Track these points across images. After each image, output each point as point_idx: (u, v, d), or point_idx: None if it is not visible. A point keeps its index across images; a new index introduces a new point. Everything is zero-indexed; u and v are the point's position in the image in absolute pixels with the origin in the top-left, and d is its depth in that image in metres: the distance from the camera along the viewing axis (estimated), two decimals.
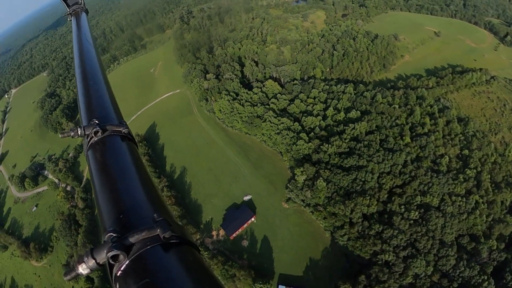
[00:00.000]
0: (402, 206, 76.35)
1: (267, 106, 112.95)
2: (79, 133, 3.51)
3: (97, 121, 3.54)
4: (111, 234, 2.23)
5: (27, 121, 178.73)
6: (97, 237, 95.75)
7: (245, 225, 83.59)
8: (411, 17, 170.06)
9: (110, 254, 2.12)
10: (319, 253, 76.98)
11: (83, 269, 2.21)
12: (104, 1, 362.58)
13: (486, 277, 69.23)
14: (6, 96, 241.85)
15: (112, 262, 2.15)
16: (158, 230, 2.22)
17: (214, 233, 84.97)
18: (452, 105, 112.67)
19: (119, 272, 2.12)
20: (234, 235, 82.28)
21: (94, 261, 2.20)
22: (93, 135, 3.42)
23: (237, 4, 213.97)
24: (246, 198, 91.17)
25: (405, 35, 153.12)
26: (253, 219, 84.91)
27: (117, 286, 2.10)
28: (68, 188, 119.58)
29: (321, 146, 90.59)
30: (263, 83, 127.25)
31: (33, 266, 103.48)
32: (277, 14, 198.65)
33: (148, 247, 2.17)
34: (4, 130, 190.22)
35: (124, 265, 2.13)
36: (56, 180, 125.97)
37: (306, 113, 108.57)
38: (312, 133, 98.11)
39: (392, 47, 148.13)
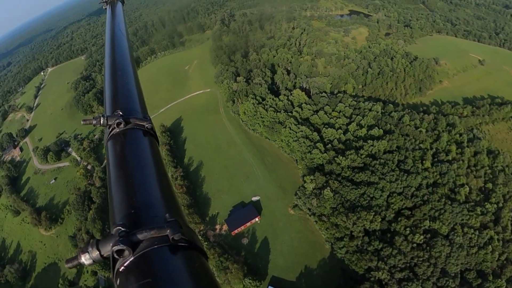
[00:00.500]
0: (408, 228, 77.23)
1: (290, 114, 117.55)
2: (101, 122, 3.58)
3: (121, 113, 3.59)
4: (120, 228, 2.27)
5: (59, 99, 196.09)
6: (107, 214, 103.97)
7: (248, 224, 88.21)
8: (457, 43, 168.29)
9: (116, 248, 2.14)
10: (316, 262, 79.49)
11: (85, 259, 2.26)
12: None
13: None
14: (42, 73, 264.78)
15: (117, 257, 2.17)
16: (168, 231, 2.23)
17: (217, 226, 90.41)
18: (484, 137, 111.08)
19: (122, 267, 2.15)
20: (236, 231, 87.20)
21: (98, 252, 2.25)
22: (115, 126, 3.50)
23: (280, 12, 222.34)
24: (255, 198, 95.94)
25: (447, 60, 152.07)
26: (257, 219, 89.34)
27: (118, 281, 2.13)
28: (89, 167, 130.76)
29: (336, 158, 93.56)
30: (291, 92, 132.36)
31: (41, 234, 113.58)
32: (318, 26, 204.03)
33: (155, 246, 2.18)
34: (35, 104, 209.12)
35: (128, 261, 2.15)
36: (78, 158, 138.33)
37: (328, 125, 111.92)
38: (330, 144, 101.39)
39: (431, 71, 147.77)
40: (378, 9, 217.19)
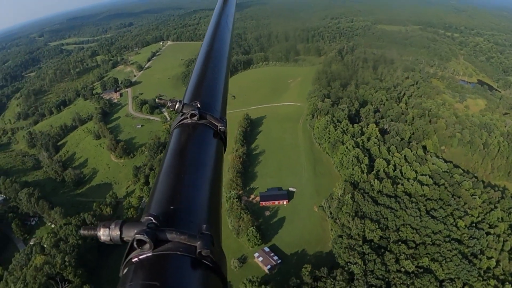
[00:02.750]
0: (404, 255, 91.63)
1: (354, 139, 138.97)
2: (175, 107, 3.55)
3: (199, 105, 3.60)
4: (151, 219, 2.26)
5: (168, 69, 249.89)
6: None
7: (276, 202, 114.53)
8: None
9: (138, 237, 2.11)
10: (313, 252, 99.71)
11: (103, 234, 2.28)
12: (289, 8, 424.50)
13: None
14: (161, 43, 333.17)
15: (135, 246, 2.15)
16: (198, 243, 2.16)
17: (252, 196, 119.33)
18: None
19: (136, 259, 2.15)
20: (264, 203, 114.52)
21: (119, 233, 2.26)
22: (188, 116, 3.52)
23: (402, 61, 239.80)
24: (292, 189, 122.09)
25: None
26: (285, 202, 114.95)
27: (125, 270, 2.15)
28: None
29: (372, 181, 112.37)
30: (368, 125, 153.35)
31: (110, 159, 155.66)
32: (435, 85, 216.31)
33: (178, 252, 2.14)
34: (146, 66, 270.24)
35: (144, 255, 2.14)
36: (168, 117, 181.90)
37: (384, 159, 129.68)
38: (374, 171, 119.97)
39: None
40: (508, 86, 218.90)
